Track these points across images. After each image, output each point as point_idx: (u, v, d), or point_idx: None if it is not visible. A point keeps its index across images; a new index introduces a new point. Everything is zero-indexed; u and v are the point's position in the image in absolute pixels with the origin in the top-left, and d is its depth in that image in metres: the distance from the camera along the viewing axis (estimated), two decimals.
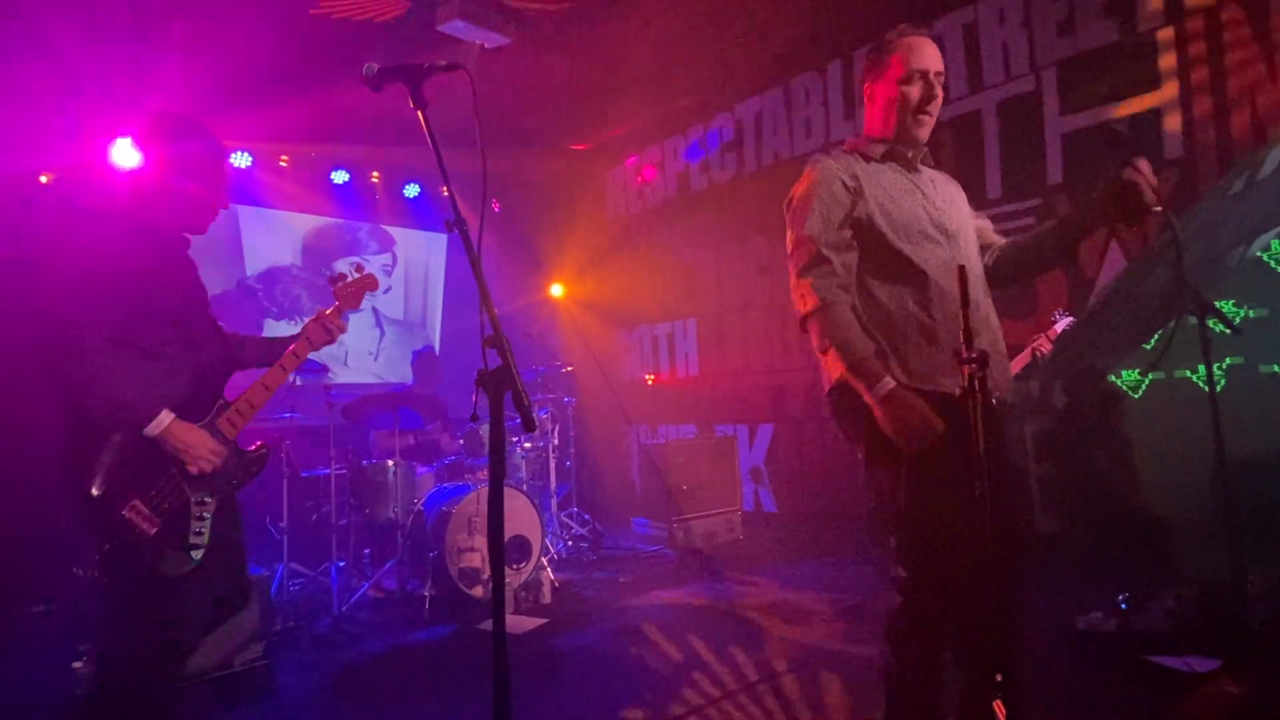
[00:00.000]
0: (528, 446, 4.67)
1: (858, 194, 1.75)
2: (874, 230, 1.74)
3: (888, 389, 1.61)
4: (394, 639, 3.45)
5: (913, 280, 1.72)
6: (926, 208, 1.80)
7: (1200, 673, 2.34)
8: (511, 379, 1.27)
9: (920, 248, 1.74)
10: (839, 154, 1.85)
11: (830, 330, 1.68)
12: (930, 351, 1.69)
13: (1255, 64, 3.47)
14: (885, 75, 1.81)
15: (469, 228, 1.38)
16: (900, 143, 1.83)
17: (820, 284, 1.70)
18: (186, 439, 1.77)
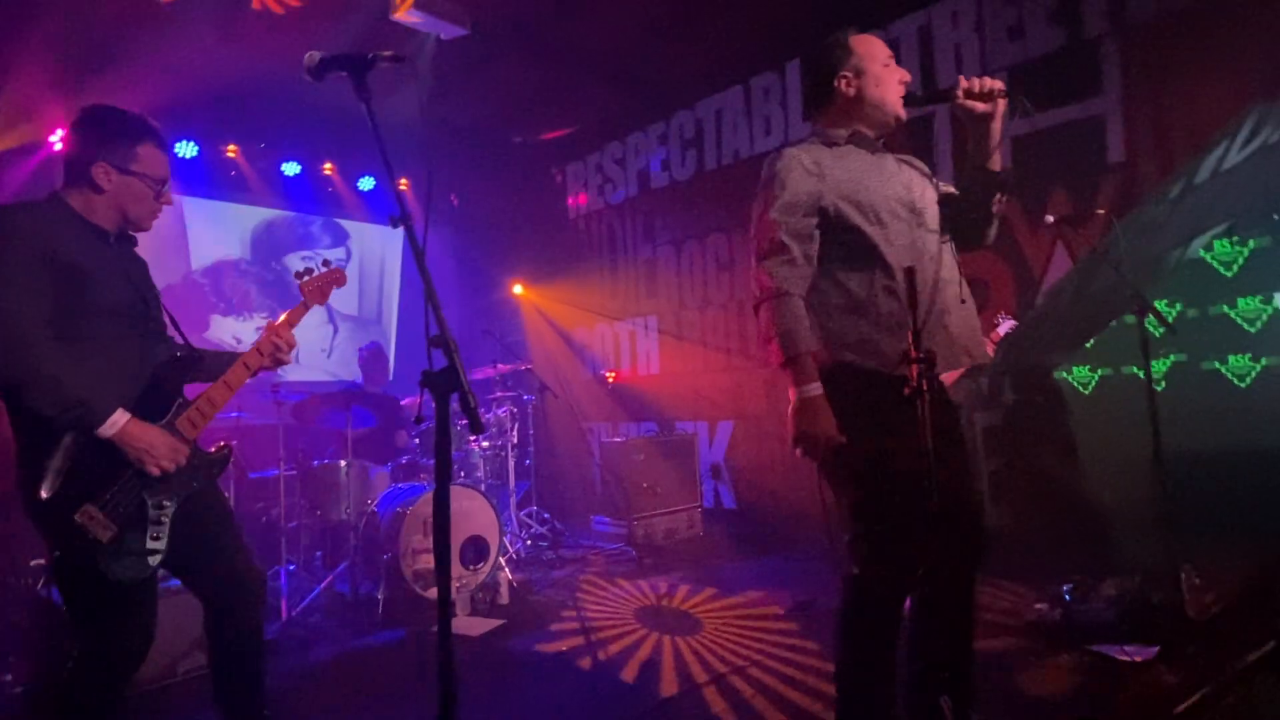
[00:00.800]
0: (485, 445, 4.60)
1: (821, 180, 1.76)
2: (840, 216, 1.75)
3: (814, 394, 1.64)
4: (346, 644, 3.37)
5: (882, 265, 1.73)
6: (892, 187, 1.81)
7: (1138, 661, 2.42)
8: (458, 380, 1.23)
9: (888, 229, 1.76)
10: (801, 145, 1.86)
11: (780, 320, 1.69)
12: (901, 337, 1.69)
13: (1192, 74, 3.61)
14: (850, 66, 1.84)
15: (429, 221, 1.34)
16: (868, 126, 1.85)
17: (779, 271, 1.71)
18: (144, 439, 1.70)
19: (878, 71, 1.83)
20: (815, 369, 1.67)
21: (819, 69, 1.88)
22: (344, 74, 1.43)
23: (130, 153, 1.81)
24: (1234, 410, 5.11)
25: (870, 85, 1.83)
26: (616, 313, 6.73)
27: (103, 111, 1.85)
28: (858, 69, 1.83)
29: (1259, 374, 5.13)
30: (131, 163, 1.82)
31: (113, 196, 1.81)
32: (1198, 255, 5.35)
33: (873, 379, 1.69)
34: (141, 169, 1.83)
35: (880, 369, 1.69)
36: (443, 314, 1.28)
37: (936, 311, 1.74)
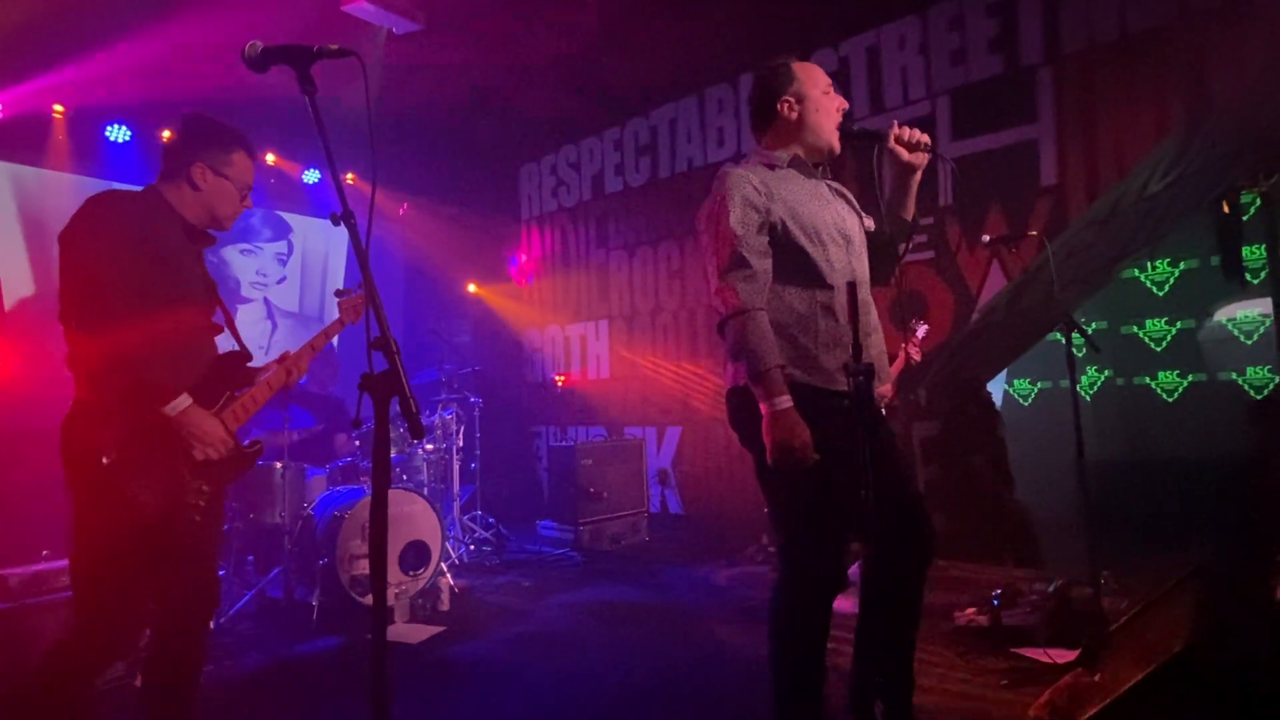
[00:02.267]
0: (430, 448, 4.51)
1: (769, 198, 1.81)
2: (787, 234, 1.81)
3: (785, 406, 1.67)
4: (277, 652, 3.25)
5: (823, 284, 1.80)
6: (829, 213, 1.88)
7: (1059, 663, 2.53)
8: (399, 383, 1.21)
9: (827, 250, 1.82)
10: (745, 165, 1.92)
11: (747, 337, 1.71)
12: (836, 353, 1.78)
13: (1119, 105, 3.81)
14: (791, 90, 1.89)
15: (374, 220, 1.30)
16: (806, 152, 1.91)
17: (743, 288, 1.74)
18: (202, 425, 1.78)
19: (817, 98, 1.89)
20: (784, 383, 1.70)
21: (763, 91, 1.94)
22: (287, 66, 1.39)
23: (226, 157, 1.96)
24: (1161, 423, 5.42)
25: (810, 111, 1.89)
26: (567, 316, 6.70)
27: (206, 118, 2.01)
28: (799, 94, 1.89)
29: (1185, 389, 5.46)
30: (226, 167, 1.95)
31: (205, 195, 1.95)
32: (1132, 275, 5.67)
33: (812, 393, 1.73)
34: (233, 173, 1.97)
35: (819, 384, 1.75)
36: (385, 315, 1.25)
37: (862, 333, 1.78)
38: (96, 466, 1.67)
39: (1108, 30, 3.83)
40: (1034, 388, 6.05)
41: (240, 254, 6.31)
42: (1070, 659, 2.50)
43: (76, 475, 1.72)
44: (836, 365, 1.75)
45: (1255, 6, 3.41)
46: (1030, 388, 6.08)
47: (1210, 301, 5.37)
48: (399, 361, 1.22)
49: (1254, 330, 5.18)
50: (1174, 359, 5.54)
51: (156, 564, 1.78)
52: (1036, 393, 6.02)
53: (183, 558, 1.83)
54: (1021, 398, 6.13)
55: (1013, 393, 6.17)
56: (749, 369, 1.70)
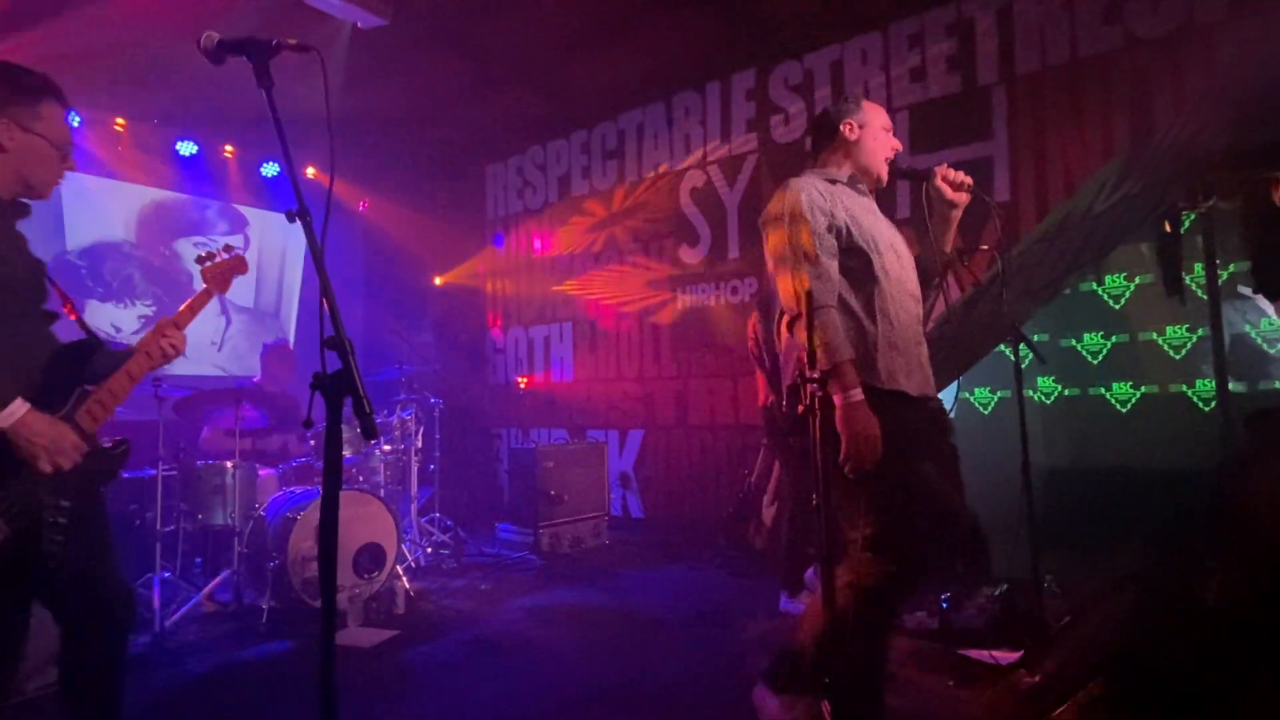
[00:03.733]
0: (388, 449, 4.45)
1: (834, 204, 1.93)
2: (850, 238, 1.91)
3: (858, 398, 1.75)
4: (224, 656, 3.17)
5: (879, 289, 1.90)
6: (883, 226, 2.02)
7: (1004, 664, 2.61)
8: (352, 383, 1.19)
9: (884, 258, 1.94)
10: (807, 175, 2.05)
11: (822, 331, 1.77)
12: (892, 355, 1.87)
13: (1069, 125, 3.96)
14: (862, 119, 2.06)
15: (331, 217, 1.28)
16: (861, 171, 2.06)
17: (817, 285, 1.81)
18: (44, 432, 1.53)
19: (877, 130, 2.07)
20: (857, 376, 1.77)
21: (829, 115, 2.10)
22: (245, 59, 1.36)
23: (33, 110, 1.64)
24: (1114, 433, 5.62)
25: (868, 138, 2.05)
26: (531, 318, 6.67)
27: (4, 64, 1.67)
28: (862, 121, 2.05)
29: (1138, 400, 5.67)
30: (34, 121, 1.64)
31: (14, 158, 1.64)
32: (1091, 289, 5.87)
33: (869, 392, 1.79)
34: (45, 129, 1.66)
35: (874, 384, 1.82)
36: (339, 313, 1.23)
37: (913, 343, 1.94)
38: None
39: (1059, 53, 3.98)
40: (994, 396, 6.22)
41: (193, 246, 6.14)
42: (1014, 660, 2.59)
43: None
44: (892, 367, 1.84)
45: (1193, 38, 3.58)
46: (990, 396, 6.25)
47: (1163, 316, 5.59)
48: (353, 361, 1.21)
49: None
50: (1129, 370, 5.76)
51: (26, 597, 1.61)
52: (996, 401, 6.19)
53: (64, 582, 1.63)
54: (981, 406, 6.29)
55: (973, 401, 6.33)
56: (826, 361, 1.74)
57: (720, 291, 5.39)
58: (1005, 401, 4.95)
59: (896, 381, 1.85)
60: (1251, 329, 5.37)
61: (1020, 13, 4.10)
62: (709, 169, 5.49)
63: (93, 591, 1.68)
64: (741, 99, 5.27)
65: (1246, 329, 5.35)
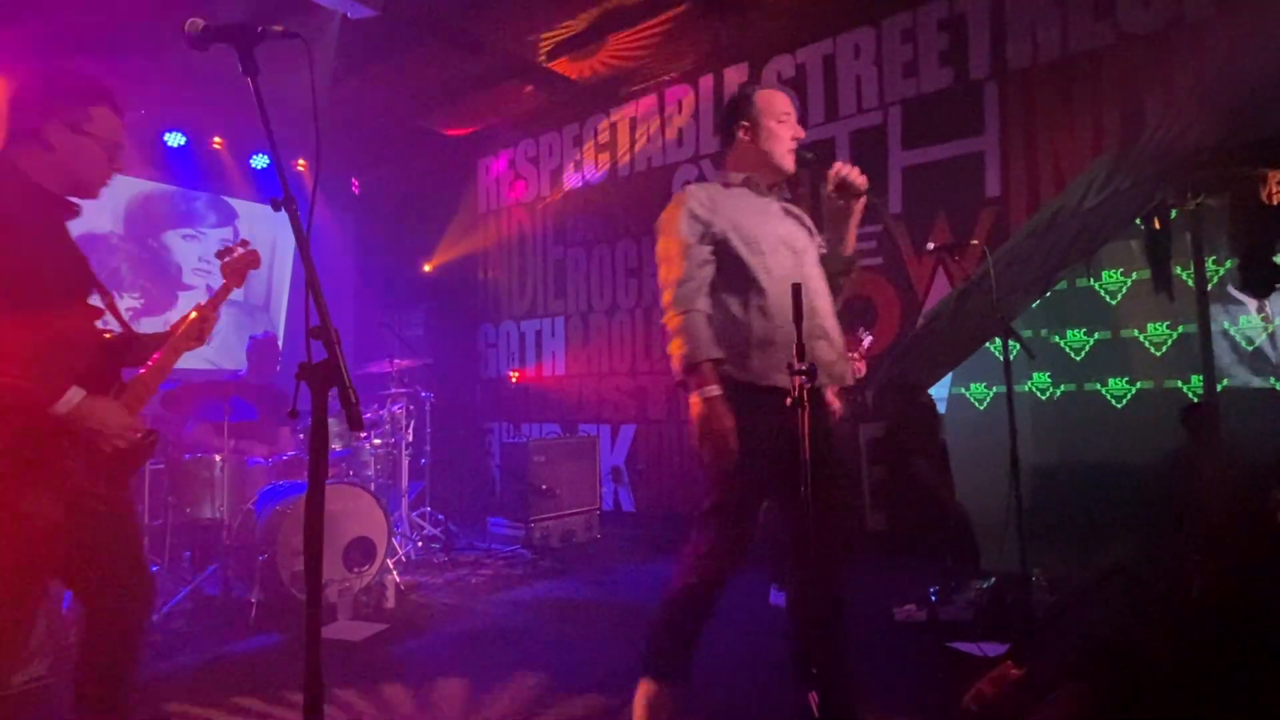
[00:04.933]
0: (378, 443, 4.43)
1: (714, 214, 1.98)
2: (727, 245, 1.97)
3: (713, 394, 1.83)
4: (211, 650, 3.15)
5: (757, 289, 1.95)
6: (775, 227, 2.04)
7: (991, 657, 2.63)
8: (338, 374, 1.18)
9: (767, 258, 1.97)
10: (700, 185, 2.09)
11: (684, 333, 1.88)
12: (768, 353, 1.92)
13: (1060, 120, 3.97)
14: (754, 116, 2.06)
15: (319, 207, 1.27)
16: (759, 173, 2.08)
17: (680, 291, 1.91)
18: (101, 414, 1.61)
19: (772, 126, 2.05)
20: (715, 375, 1.85)
21: (725, 116, 2.12)
22: (229, 46, 1.35)
23: (84, 111, 1.71)
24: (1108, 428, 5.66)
25: (764, 138, 2.05)
26: (523, 312, 6.66)
27: (54, 70, 1.75)
28: (755, 120, 2.06)
29: (1133, 396, 5.71)
30: (85, 122, 1.71)
31: (63, 157, 1.70)
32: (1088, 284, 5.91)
33: (742, 389, 1.88)
34: (95, 130, 1.73)
35: (750, 380, 1.90)
36: (325, 303, 1.22)
37: (809, 335, 1.93)
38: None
39: (1050, 50, 3.99)
40: (989, 392, 6.27)
41: (183, 239, 6.09)
42: (1001, 652, 2.60)
43: None
44: (767, 365, 1.91)
45: (1183, 35, 3.59)
46: (986, 392, 6.29)
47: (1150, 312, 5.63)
48: (339, 351, 1.20)
49: None
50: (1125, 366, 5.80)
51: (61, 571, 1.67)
52: (992, 397, 6.24)
53: (100, 558, 1.70)
54: (977, 401, 6.33)
55: (968, 396, 6.37)
56: (685, 360, 1.86)
57: None
58: (1001, 397, 4.99)
59: (771, 378, 1.91)
60: (1230, 325, 5.43)
61: (1012, 8, 4.11)
62: (701, 163, 5.48)
63: (118, 574, 1.73)
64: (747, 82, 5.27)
65: (1225, 325, 5.40)
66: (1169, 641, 2.02)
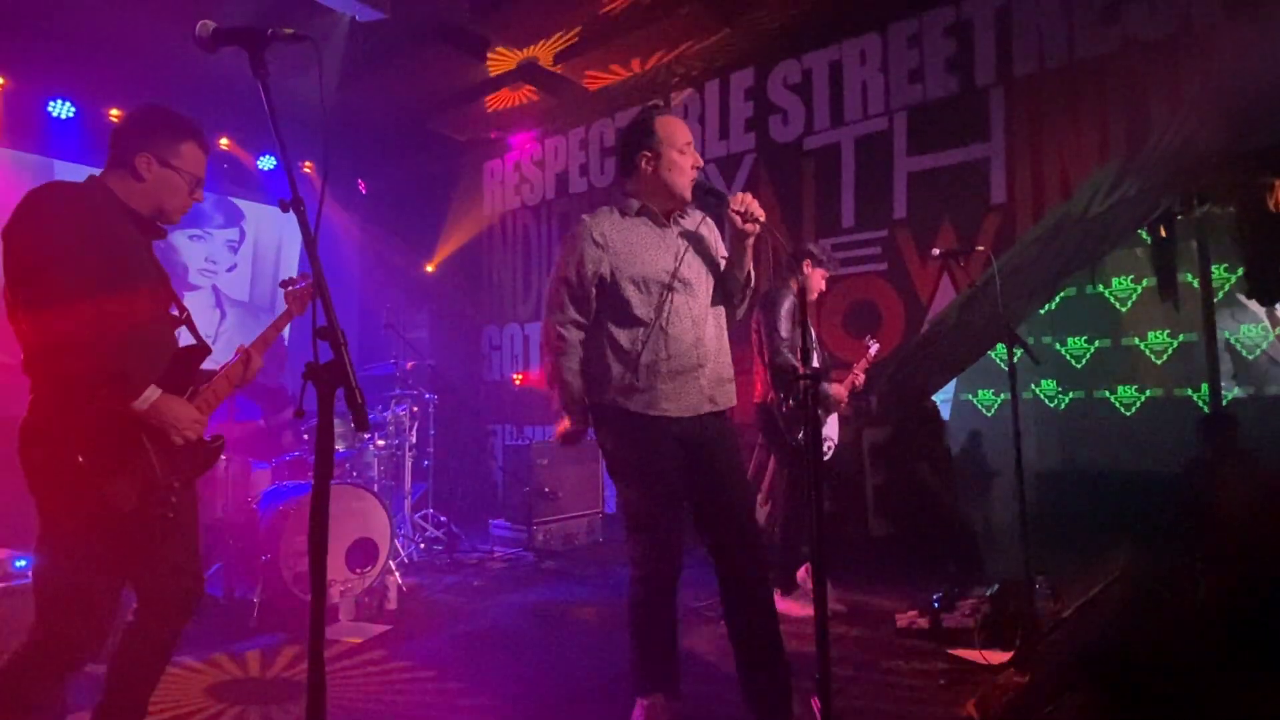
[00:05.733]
0: (381, 444, 4.44)
1: (604, 251, 2.06)
2: (615, 284, 2.06)
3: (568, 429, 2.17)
4: (213, 649, 3.16)
5: (645, 325, 2.05)
6: (667, 261, 2.08)
7: (993, 664, 2.62)
8: (344, 374, 1.19)
9: (652, 296, 2.05)
10: (601, 212, 2.14)
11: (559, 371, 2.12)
12: (654, 384, 2.04)
13: (1065, 127, 3.97)
14: (649, 145, 2.07)
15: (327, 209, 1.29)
16: (656, 201, 2.11)
17: (559, 330, 2.10)
18: (175, 411, 1.75)
19: (673, 157, 2.07)
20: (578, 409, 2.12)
21: (625, 142, 2.14)
22: (239, 48, 1.36)
23: (174, 148, 1.89)
24: (1116, 435, 5.65)
25: (664, 168, 2.07)
26: (527, 314, 6.66)
27: (156, 107, 1.94)
28: (656, 151, 2.07)
29: (1143, 404, 5.70)
30: (174, 158, 1.89)
31: (150, 187, 1.88)
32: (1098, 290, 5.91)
33: (630, 416, 2.03)
34: (181, 164, 1.90)
35: (636, 409, 2.03)
36: (332, 304, 1.23)
37: (692, 365, 2.07)
38: (69, 468, 1.62)
39: (1057, 55, 3.99)
40: (997, 398, 6.26)
41: (189, 239, 6.12)
42: (1004, 660, 2.59)
43: (45, 478, 1.66)
44: (654, 395, 2.03)
45: (1190, 41, 3.59)
46: (994, 398, 6.28)
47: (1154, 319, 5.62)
48: (345, 351, 1.20)
49: None
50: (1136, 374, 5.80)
51: (130, 565, 1.76)
52: (999, 403, 6.23)
53: (163, 556, 1.80)
54: (985, 408, 6.32)
55: (976, 402, 6.36)
56: (558, 397, 2.11)
57: None
58: (1009, 403, 5.01)
59: (659, 407, 2.04)
60: (1230, 335, 5.41)
61: (1018, 14, 4.11)
62: (706, 168, 5.48)
63: (175, 571, 1.83)
64: (740, 98, 5.27)
65: (1224, 334, 5.39)
66: (1174, 650, 2.01)
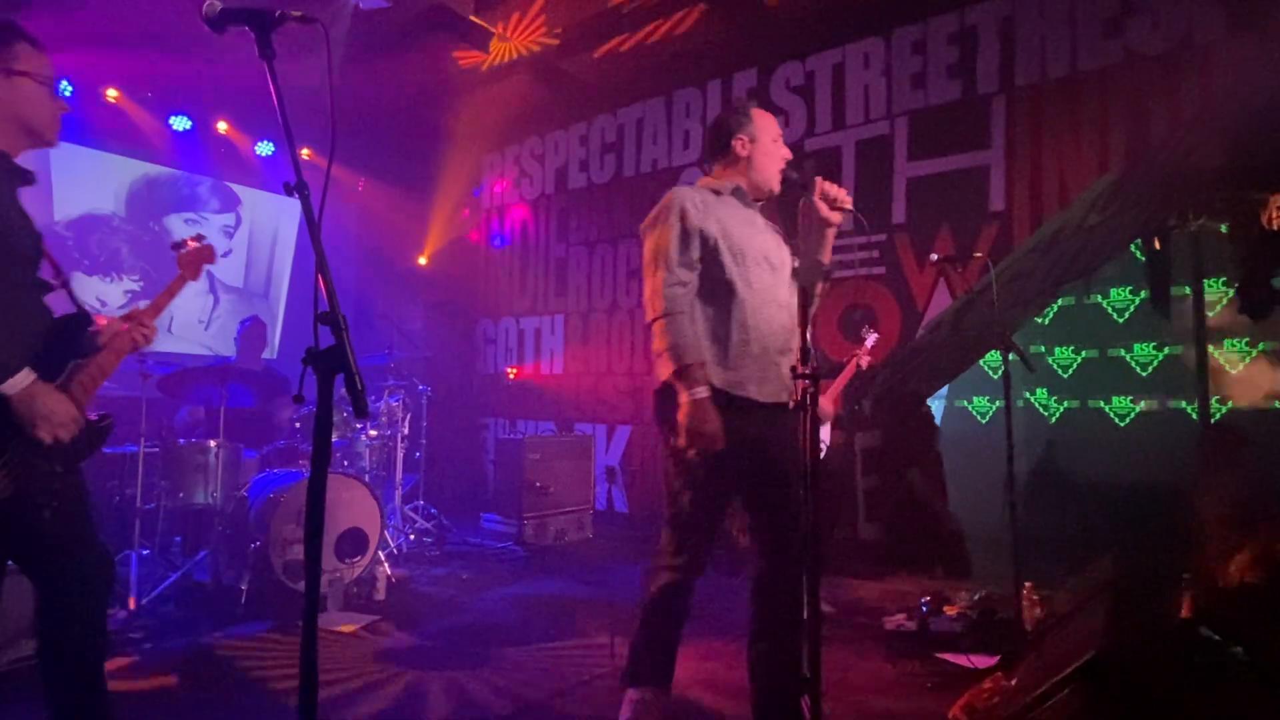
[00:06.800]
0: (373, 434, 4.42)
1: (705, 218, 2.00)
2: (715, 252, 1.99)
3: (701, 395, 1.87)
4: (200, 635, 3.14)
5: (737, 301, 1.99)
6: (760, 240, 2.08)
7: (980, 668, 2.63)
8: (345, 360, 1.18)
9: (749, 271, 2.01)
10: (693, 186, 2.11)
11: (671, 335, 1.91)
12: (744, 363, 1.97)
13: (1065, 136, 3.99)
14: (753, 133, 2.11)
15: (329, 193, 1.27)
16: (748, 187, 2.12)
17: (669, 293, 1.94)
18: (47, 403, 1.54)
19: (767, 144, 2.12)
20: (702, 376, 1.89)
21: (722, 126, 2.15)
22: (246, 29, 1.34)
23: (9, 51, 1.60)
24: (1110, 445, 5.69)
25: (759, 153, 2.11)
26: (523, 309, 6.65)
27: None
28: (753, 135, 2.11)
29: (1137, 415, 5.74)
30: (14, 62, 1.60)
31: (5, 104, 1.60)
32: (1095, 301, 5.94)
33: (716, 396, 1.92)
34: (28, 66, 1.61)
35: (724, 389, 1.94)
36: (334, 289, 1.22)
37: (777, 350, 2.02)
38: None
39: (1059, 66, 4.00)
40: (992, 405, 6.29)
41: (184, 223, 6.08)
42: (990, 664, 2.61)
43: None
44: (740, 375, 1.95)
45: (1191, 57, 3.61)
46: (989, 405, 6.31)
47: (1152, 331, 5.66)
48: (347, 338, 1.19)
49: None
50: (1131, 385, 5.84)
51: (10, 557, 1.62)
52: (994, 410, 6.26)
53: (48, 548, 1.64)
54: (980, 415, 6.35)
55: (971, 409, 6.39)
56: (672, 362, 1.89)
57: None
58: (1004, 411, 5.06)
59: (744, 388, 1.96)
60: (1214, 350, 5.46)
61: (1022, 24, 4.12)
62: (704, 165, 5.49)
63: (74, 560, 1.68)
64: (743, 98, 5.27)
65: (1209, 349, 5.43)
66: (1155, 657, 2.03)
